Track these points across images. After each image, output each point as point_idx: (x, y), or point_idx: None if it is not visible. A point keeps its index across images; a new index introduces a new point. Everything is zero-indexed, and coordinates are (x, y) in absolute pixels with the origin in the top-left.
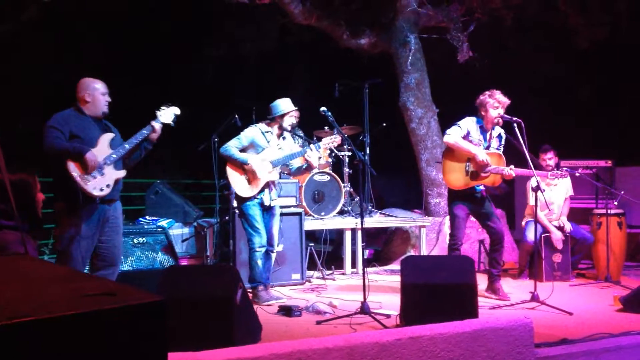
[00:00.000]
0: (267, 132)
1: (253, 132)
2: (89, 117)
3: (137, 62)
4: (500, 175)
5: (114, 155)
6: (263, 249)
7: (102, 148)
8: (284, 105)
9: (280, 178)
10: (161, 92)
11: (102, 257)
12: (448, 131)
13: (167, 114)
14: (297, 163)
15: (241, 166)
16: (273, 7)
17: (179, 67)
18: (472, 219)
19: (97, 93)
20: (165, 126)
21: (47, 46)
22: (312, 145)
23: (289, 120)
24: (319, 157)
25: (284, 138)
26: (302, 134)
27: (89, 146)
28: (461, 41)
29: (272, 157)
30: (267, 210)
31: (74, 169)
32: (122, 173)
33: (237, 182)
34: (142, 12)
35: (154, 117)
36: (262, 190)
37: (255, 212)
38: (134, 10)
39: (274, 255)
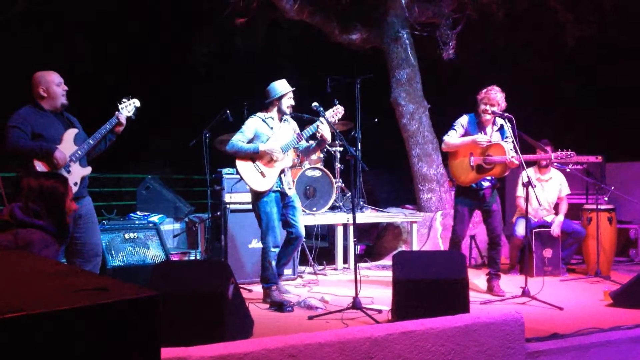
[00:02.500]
0: (268, 118)
1: (254, 122)
2: (49, 112)
3: (130, 59)
4: (505, 165)
5: (80, 152)
6: (277, 249)
7: (67, 145)
8: (281, 86)
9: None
10: (152, 88)
11: (80, 254)
12: (443, 138)
13: (129, 107)
14: (304, 143)
15: (252, 159)
16: (264, 2)
17: (170, 63)
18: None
19: (51, 85)
20: (127, 119)
21: (36, 40)
22: (321, 118)
23: (287, 102)
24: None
25: (287, 122)
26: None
27: (53, 144)
28: (449, 39)
29: (280, 142)
30: (286, 204)
31: (40, 168)
32: (88, 170)
33: (251, 177)
34: (132, 8)
35: (118, 110)
36: (278, 180)
37: (272, 209)
38: (124, 5)
39: (300, 242)
